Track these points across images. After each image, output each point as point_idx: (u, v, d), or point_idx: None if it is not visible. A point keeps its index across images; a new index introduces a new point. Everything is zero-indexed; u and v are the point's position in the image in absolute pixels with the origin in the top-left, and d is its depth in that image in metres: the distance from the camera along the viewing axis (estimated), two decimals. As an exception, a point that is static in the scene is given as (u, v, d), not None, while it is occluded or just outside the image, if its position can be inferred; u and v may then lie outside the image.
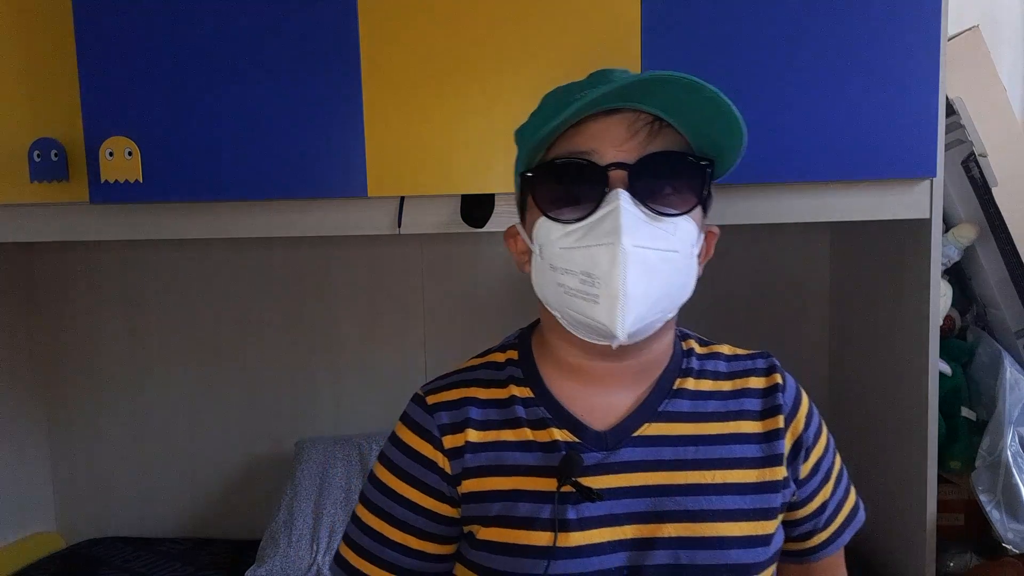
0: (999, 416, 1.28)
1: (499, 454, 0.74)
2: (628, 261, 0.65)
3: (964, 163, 1.36)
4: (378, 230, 1.18)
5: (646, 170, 0.68)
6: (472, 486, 0.74)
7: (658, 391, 0.75)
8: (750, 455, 0.74)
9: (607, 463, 0.72)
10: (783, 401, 0.77)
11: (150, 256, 1.70)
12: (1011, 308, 1.37)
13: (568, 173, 0.70)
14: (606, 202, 0.67)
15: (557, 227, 0.69)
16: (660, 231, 0.68)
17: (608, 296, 0.66)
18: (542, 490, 0.71)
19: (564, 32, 1.10)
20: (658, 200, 0.68)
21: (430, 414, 0.76)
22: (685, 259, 0.71)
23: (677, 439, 0.73)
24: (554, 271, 0.70)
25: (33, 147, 1.16)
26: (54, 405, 1.75)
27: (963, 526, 1.40)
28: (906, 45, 1.08)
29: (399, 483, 0.77)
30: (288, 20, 1.12)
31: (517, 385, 0.77)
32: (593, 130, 0.69)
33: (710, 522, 0.71)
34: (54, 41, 1.17)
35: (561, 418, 0.74)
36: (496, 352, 0.82)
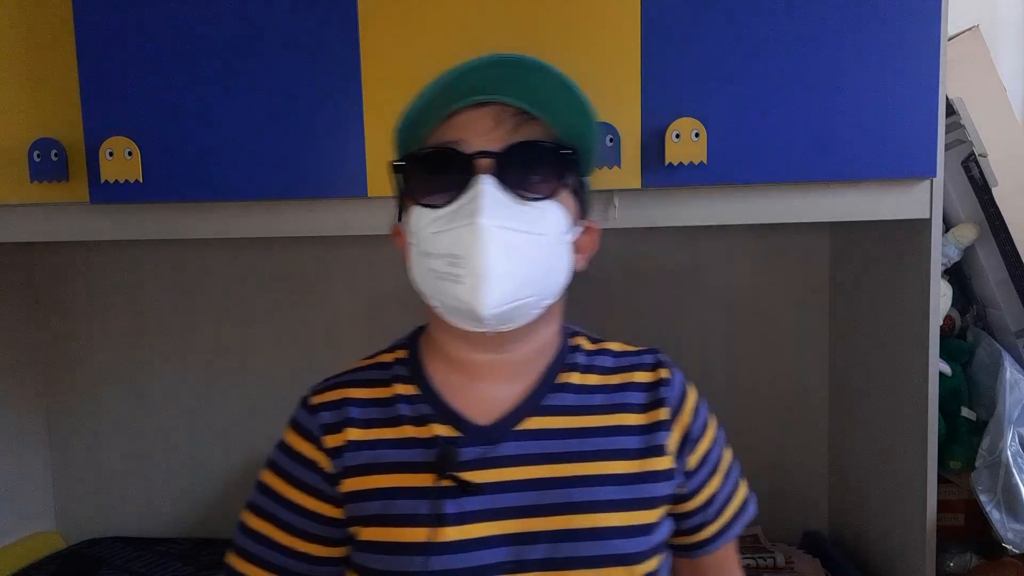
0: (999, 416, 1.28)
1: (379, 452, 0.75)
2: (487, 239, 0.68)
3: (964, 163, 1.36)
4: (378, 230, 1.18)
5: (511, 158, 0.71)
6: (352, 485, 0.75)
7: (542, 385, 0.78)
8: (630, 446, 0.77)
9: (488, 457, 0.74)
10: (667, 395, 0.80)
11: (150, 256, 1.70)
12: (1011, 308, 1.37)
13: (437, 161, 0.73)
14: (471, 187, 0.70)
15: (427, 213, 0.72)
16: (524, 213, 0.71)
17: (471, 275, 0.68)
18: (421, 486, 0.73)
19: (564, 32, 1.10)
20: (524, 186, 0.72)
21: (312, 415, 0.78)
22: (552, 244, 0.73)
23: (559, 432, 0.76)
24: (426, 257, 0.72)
25: (33, 147, 1.16)
26: (54, 405, 1.75)
27: (963, 526, 1.40)
28: (906, 45, 1.08)
29: (283, 485, 0.78)
30: (288, 20, 1.12)
31: (402, 383, 0.79)
32: (461, 121, 0.73)
33: (590, 513, 0.73)
34: (54, 41, 1.17)
35: (443, 413, 0.76)
36: (385, 353, 0.85)
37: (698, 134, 1.07)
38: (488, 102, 0.73)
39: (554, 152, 0.74)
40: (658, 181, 1.10)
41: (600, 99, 1.09)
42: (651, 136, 1.09)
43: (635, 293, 1.60)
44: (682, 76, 1.09)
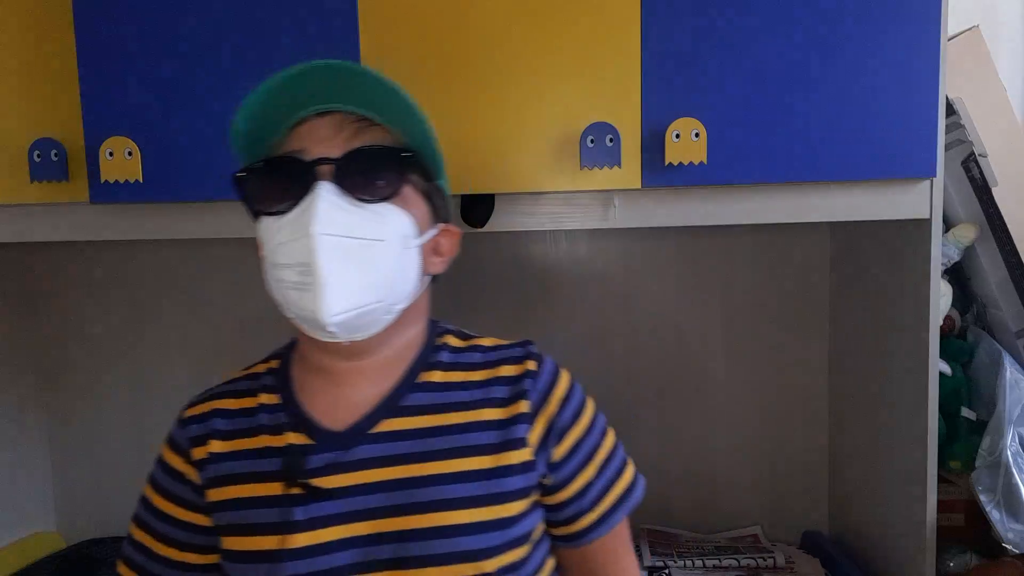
0: (999, 416, 1.28)
1: (239, 463, 0.77)
2: (319, 248, 0.68)
3: (964, 163, 1.36)
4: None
5: (351, 164, 0.72)
6: (215, 495, 0.78)
7: (401, 386, 0.78)
8: (486, 442, 0.77)
9: (341, 462, 0.74)
10: (531, 387, 0.79)
11: (150, 256, 1.70)
12: (1011, 308, 1.37)
13: (278, 171, 0.73)
14: (309, 194, 0.71)
15: (271, 223, 0.73)
16: (364, 220, 0.71)
17: (314, 284, 0.69)
18: (272, 495, 0.74)
19: (564, 31, 1.10)
20: (363, 190, 0.72)
21: (182, 428, 0.82)
22: (396, 248, 0.74)
23: (414, 432, 0.76)
24: (275, 267, 0.73)
25: (33, 147, 1.16)
26: (54, 405, 1.75)
27: (963, 526, 1.40)
28: (906, 45, 1.08)
29: (158, 498, 0.82)
30: (288, 20, 1.12)
31: (268, 393, 0.81)
32: (302, 131, 0.74)
33: (442, 511, 0.73)
34: (54, 41, 1.17)
35: (298, 421, 0.77)
36: (260, 363, 0.87)
37: (698, 134, 1.07)
38: (328, 111, 0.75)
39: (392, 155, 0.75)
40: (658, 181, 1.10)
41: (600, 99, 1.10)
42: (651, 136, 1.09)
43: (635, 293, 1.60)
44: (682, 76, 1.09)
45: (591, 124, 1.08)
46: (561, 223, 1.17)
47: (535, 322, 1.61)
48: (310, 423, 0.77)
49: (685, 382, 1.61)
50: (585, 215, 1.15)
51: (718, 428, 1.61)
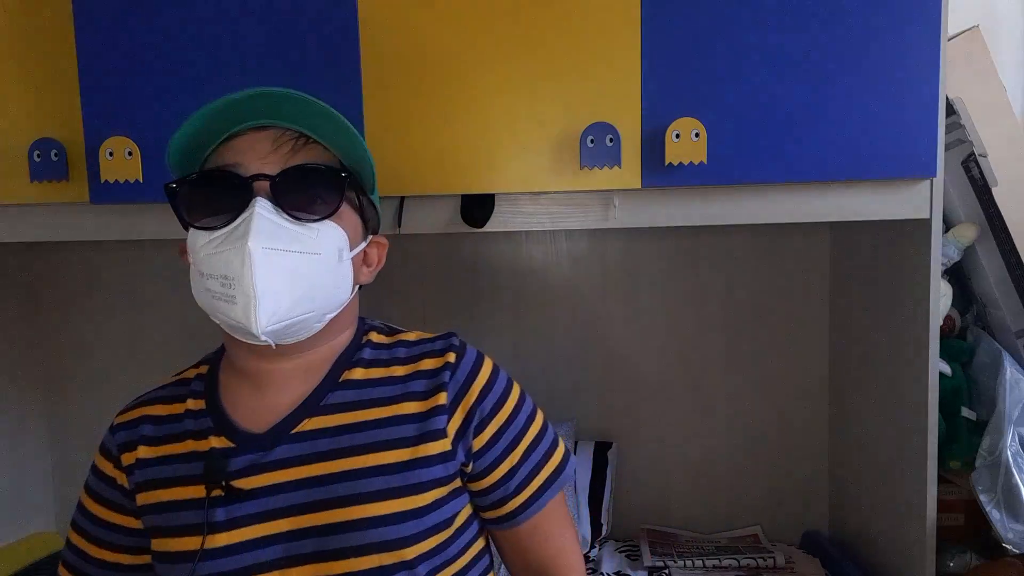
0: (999, 416, 1.28)
1: (163, 468, 0.80)
2: (254, 262, 0.70)
3: (964, 163, 1.36)
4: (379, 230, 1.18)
5: (287, 181, 0.74)
6: (143, 499, 0.80)
7: (324, 385, 0.81)
8: (405, 435, 0.79)
9: (261, 463, 0.77)
10: (449, 379, 0.81)
11: (150, 256, 1.70)
12: (1011, 308, 1.37)
13: (215, 184, 0.75)
14: (248, 210, 0.73)
15: (203, 235, 0.75)
16: (298, 235, 0.74)
17: (242, 296, 0.71)
18: (195, 498, 0.77)
19: (564, 31, 1.10)
20: (300, 208, 0.74)
21: (112, 435, 0.85)
22: (329, 262, 0.76)
23: (335, 430, 0.78)
24: (202, 277, 0.74)
25: (33, 147, 1.16)
26: (54, 405, 1.75)
27: (963, 526, 1.40)
28: (906, 45, 1.08)
29: (91, 503, 0.86)
30: (288, 20, 1.12)
31: (195, 398, 0.83)
32: (240, 145, 0.75)
33: (360, 504, 0.76)
34: (54, 41, 1.17)
35: (221, 425, 0.80)
36: (191, 368, 0.89)
37: (698, 134, 1.07)
38: (266, 126, 0.76)
39: (329, 174, 0.77)
40: (658, 181, 1.10)
41: (600, 99, 1.10)
42: (651, 136, 1.09)
43: (634, 293, 1.60)
44: (682, 76, 1.09)
45: (591, 124, 1.08)
46: (561, 223, 1.17)
47: (534, 322, 1.61)
48: (232, 426, 0.79)
49: (685, 382, 1.61)
50: (585, 215, 1.15)
51: (718, 428, 1.61)
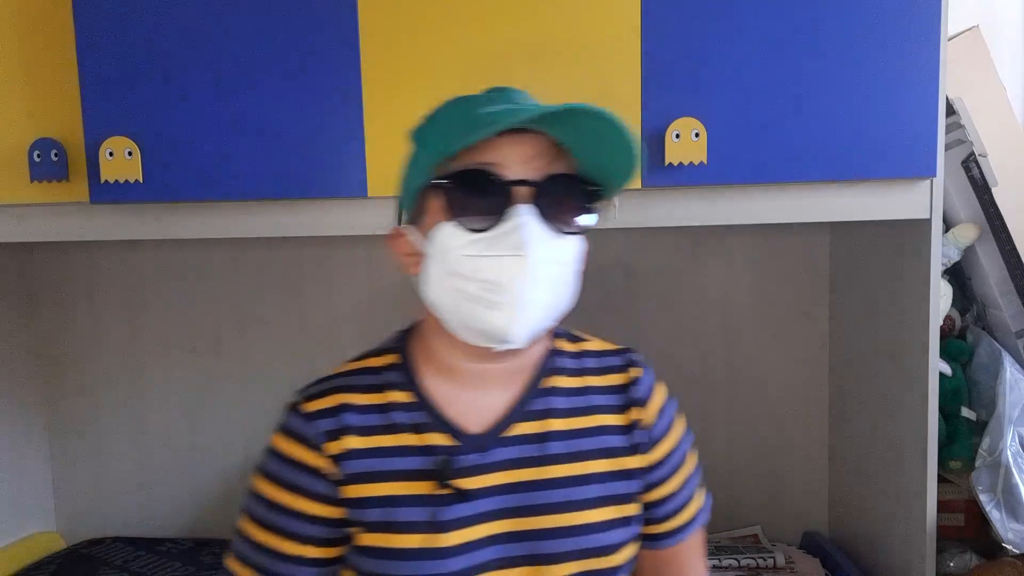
0: (999, 416, 1.28)
1: (379, 460, 0.77)
2: (534, 273, 0.70)
3: (964, 163, 1.36)
4: (378, 230, 1.18)
5: (548, 189, 0.73)
6: (353, 492, 0.77)
7: (529, 391, 0.81)
8: (610, 445, 0.81)
9: (482, 464, 0.77)
10: (638, 395, 0.84)
11: (150, 256, 1.70)
12: (1011, 308, 1.37)
13: (478, 184, 0.73)
14: (512, 215, 0.71)
15: (461, 234, 0.73)
16: (558, 246, 0.73)
17: (511, 305, 0.70)
18: (420, 494, 0.76)
19: (564, 31, 1.10)
20: (556, 218, 0.73)
21: (309, 422, 0.79)
22: (572, 272, 0.76)
23: (543, 436, 0.79)
24: (453, 276, 0.73)
25: (33, 147, 1.16)
26: (54, 405, 1.75)
27: (963, 526, 1.40)
28: (906, 45, 1.08)
29: (286, 495, 0.79)
30: (288, 20, 1.12)
31: (395, 390, 0.80)
32: (501, 146, 0.73)
33: (573, 512, 0.77)
34: (54, 41, 1.17)
35: (439, 422, 0.78)
36: (373, 356, 0.85)
37: (698, 134, 1.07)
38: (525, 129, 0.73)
39: (585, 187, 0.76)
40: (658, 181, 1.10)
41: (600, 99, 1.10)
42: (651, 136, 1.09)
43: (635, 293, 1.60)
44: (682, 76, 1.09)
45: (591, 124, 1.08)
46: (561, 223, 1.16)
47: (535, 322, 1.61)
48: (452, 425, 0.78)
49: (685, 382, 1.61)
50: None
51: (718, 428, 1.61)
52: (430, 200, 0.76)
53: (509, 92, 0.78)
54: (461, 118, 0.74)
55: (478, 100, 0.76)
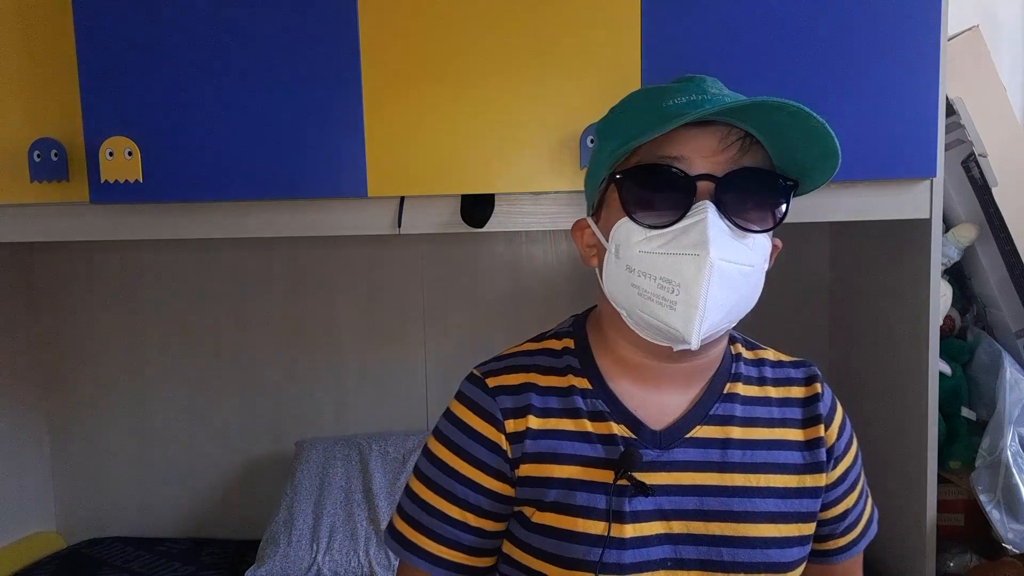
0: (999, 416, 1.28)
1: (558, 442, 0.75)
2: (713, 274, 0.66)
3: (964, 163, 1.36)
4: (378, 230, 1.18)
5: (733, 185, 0.68)
6: (529, 471, 0.75)
7: (709, 394, 0.78)
8: (793, 461, 0.78)
9: (660, 461, 0.75)
10: (821, 411, 0.80)
11: (150, 256, 1.70)
12: (1011, 308, 1.37)
13: (657, 179, 0.70)
14: (694, 212, 0.68)
15: (639, 230, 0.70)
16: (742, 246, 0.69)
17: (687, 304, 0.67)
18: (598, 481, 0.74)
19: (564, 31, 1.10)
20: (741, 215, 0.69)
21: (492, 396, 0.77)
22: (758, 273, 0.72)
23: (726, 442, 0.76)
24: (630, 272, 0.71)
25: (33, 147, 1.16)
26: (54, 405, 1.75)
27: (963, 526, 1.40)
28: (906, 45, 1.08)
29: (461, 463, 0.78)
30: (288, 20, 1.12)
31: (575, 375, 0.78)
32: (684, 138, 0.69)
33: (752, 523, 0.75)
34: (54, 41, 1.17)
35: (619, 413, 0.76)
36: (551, 339, 0.82)
37: (698, 134, 1.07)
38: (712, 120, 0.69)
39: (775, 182, 0.71)
40: (658, 181, 1.10)
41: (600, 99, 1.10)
42: (651, 136, 1.09)
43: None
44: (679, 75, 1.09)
45: (591, 124, 1.08)
46: (561, 223, 1.17)
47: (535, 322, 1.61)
48: (633, 418, 0.76)
49: (685, 382, 1.61)
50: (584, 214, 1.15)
51: (718, 428, 1.61)
52: (612, 193, 0.73)
53: (698, 81, 0.74)
54: (645, 111, 0.71)
55: (665, 92, 0.72)
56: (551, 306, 1.62)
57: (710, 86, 0.73)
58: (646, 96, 0.74)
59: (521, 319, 1.63)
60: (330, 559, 1.49)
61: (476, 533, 0.78)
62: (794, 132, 0.67)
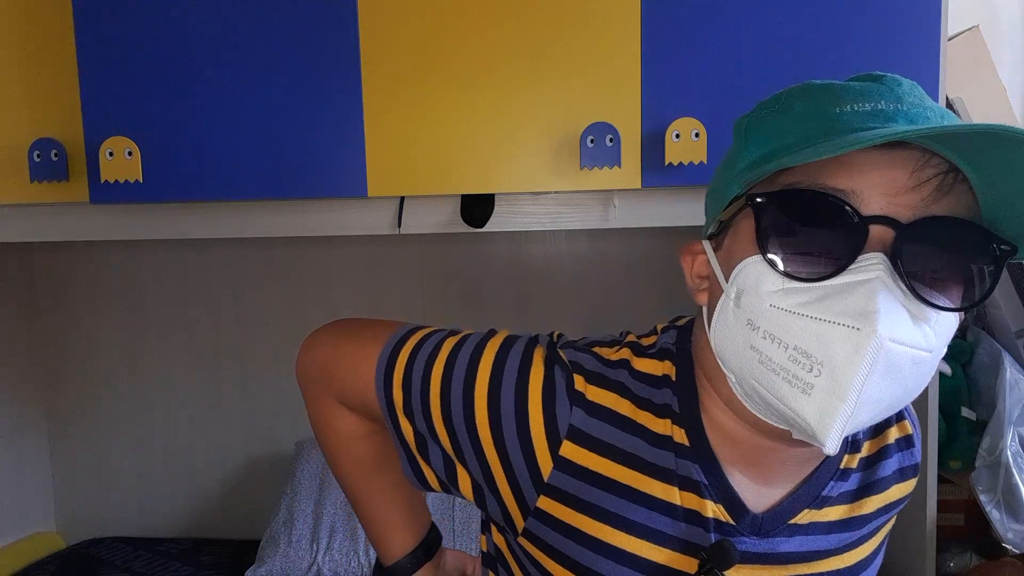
0: (999, 416, 1.28)
1: (630, 504, 0.58)
2: (878, 359, 0.47)
3: (964, 163, 1.36)
4: (378, 230, 1.18)
5: (922, 237, 0.49)
6: (560, 513, 0.59)
7: (825, 470, 0.61)
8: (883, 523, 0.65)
9: (755, 552, 0.59)
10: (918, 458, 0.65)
11: (150, 256, 1.70)
12: (1011, 308, 1.37)
13: (814, 212, 0.51)
14: (859, 267, 0.49)
15: (776, 278, 0.51)
16: (921, 323, 0.49)
17: (830, 394, 0.48)
18: (672, 567, 0.58)
19: (564, 31, 1.10)
20: (926, 282, 0.49)
21: (570, 400, 0.59)
22: (935, 361, 0.51)
23: (830, 525, 0.61)
24: (753, 330, 0.52)
25: (33, 147, 1.16)
26: (54, 405, 1.75)
27: (963, 526, 1.40)
28: (906, 45, 1.08)
29: (485, 418, 0.60)
30: (288, 20, 1.12)
31: (676, 423, 0.59)
32: (861, 164, 0.50)
33: None
34: (54, 41, 1.17)
35: (719, 488, 0.58)
36: (653, 359, 0.62)
37: (698, 134, 1.07)
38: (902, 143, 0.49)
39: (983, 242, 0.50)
40: (658, 181, 1.10)
41: (600, 99, 1.10)
42: (651, 136, 1.09)
43: (635, 293, 1.60)
44: (682, 76, 1.09)
45: (591, 124, 1.08)
46: (561, 223, 1.17)
47: (535, 322, 1.61)
48: (735, 497, 0.58)
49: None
50: (585, 215, 1.15)
51: (718, 428, 1.61)
52: (745, 219, 0.54)
53: (890, 83, 0.57)
54: (811, 116, 0.54)
55: (842, 92, 0.56)
56: (551, 306, 1.62)
57: (907, 92, 0.56)
58: (815, 94, 0.56)
59: (521, 319, 1.62)
60: (330, 559, 1.49)
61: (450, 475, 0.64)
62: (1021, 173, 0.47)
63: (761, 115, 0.57)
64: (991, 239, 0.50)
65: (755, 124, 0.57)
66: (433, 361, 0.62)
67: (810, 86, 0.57)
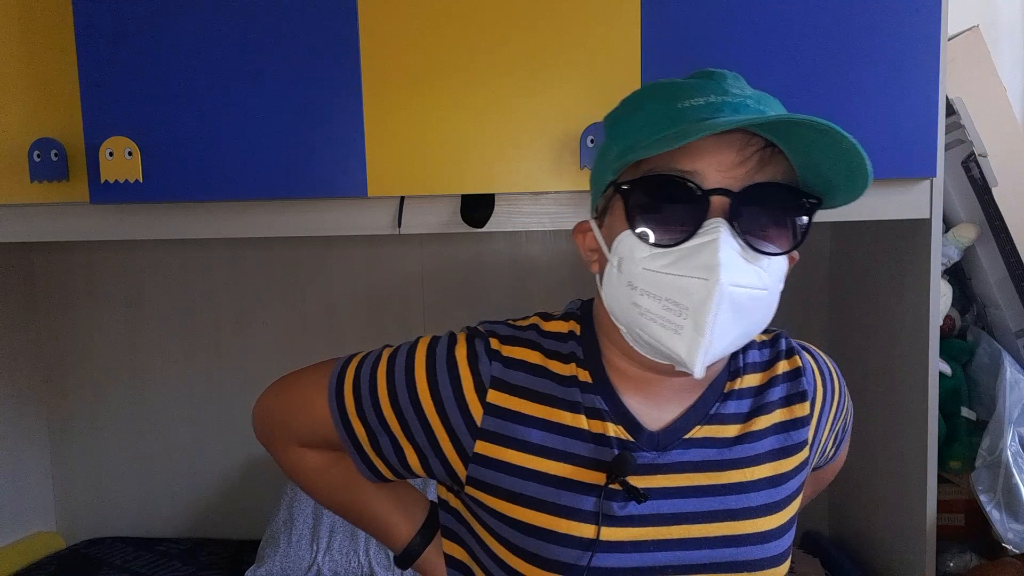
0: (999, 416, 1.28)
1: (550, 435, 0.71)
2: (723, 300, 0.61)
3: (964, 163, 1.36)
4: (378, 230, 1.18)
5: (751, 201, 0.63)
6: (494, 452, 0.71)
7: (711, 393, 0.74)
8: (779, 445, 0.74)
9: (657, 463, 0.71)
10: (807, 387, 0.76)
11: (150, 256, 1.70)
12: (1011, 308, 1.37)
13: (666, 191, 0.64)
14: (704, 231, 0.62)
15: (644, 247, 0.64)
16: (756, 268, 0.63)
17: (693, 331, 0.62)
18: (587, 482, 0.70)
19: (564, 31, 1.10)
20: (757, 235, 0.63)
21: (489, 358, 0.73)
22: (772, 296, 0.66)
23: (723, 440, 0.73)
24: (632, 289, 0.65)
25: (33, 147, 1.16)
26: (54, 405, 1.75)
27: (963, 526, 1.40)
28: (906, 45, 1.08)
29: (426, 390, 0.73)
30: (288, 20, 1.12)
31: (580, 366, 0.73)
32: (699, 149, 0.63)
33: (751, 519, 0.72)
34: (54, 41, 1.17)
35: (618, 413, 0.71)
36: (559, 320, 0.77)
37: (698, 134, 1.07)
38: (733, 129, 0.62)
39: (797, 199, 0.65)
40: (658, 181, 1.10)
41: (600, 99, 1.10)
42: (651, 136, 1.09)
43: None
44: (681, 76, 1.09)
45: (591, 124, 1.08)
46: (561, 223, 1.17)
47: (535, 322, 1.61)
48: (631, 418, 0.71)
49: (685, 382, 1.61)
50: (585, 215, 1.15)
51: (718, 428, 1.61)
52: (616, 201, 0.67)
53: (719, 79, 0.67)
54: (658, 112, 0.65)
55: (681, 89, 0.66)
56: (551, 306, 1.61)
57: (731, 84, 0.66)
58: (660, 93, 0.67)
59: (521, 319, 1.62)
60: (330, 559, 1.49)
61: (401, 461, 0.75)
62: (821, 147, 0.62)
63: (621, 114, 0.70)
64: (802, 195, 0.65)
65: (617, 122, 0.70)
66: (376, 366, 0.76)
67: (656, 86, 0.68)
